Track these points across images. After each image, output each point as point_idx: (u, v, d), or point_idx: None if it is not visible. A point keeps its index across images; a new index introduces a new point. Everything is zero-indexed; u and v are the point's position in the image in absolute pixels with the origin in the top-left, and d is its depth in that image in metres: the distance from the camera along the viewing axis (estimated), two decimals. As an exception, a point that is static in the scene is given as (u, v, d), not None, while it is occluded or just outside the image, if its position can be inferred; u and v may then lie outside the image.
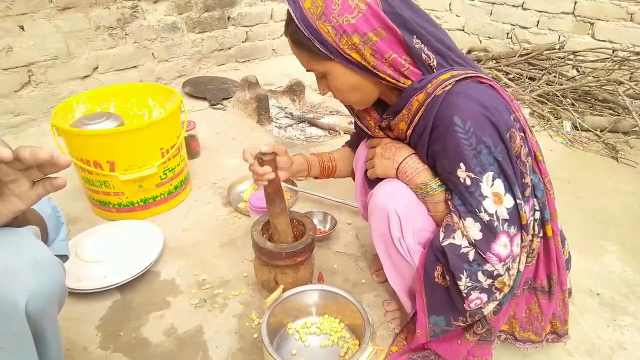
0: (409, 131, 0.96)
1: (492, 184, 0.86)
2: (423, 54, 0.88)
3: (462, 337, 1.04)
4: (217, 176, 1.93)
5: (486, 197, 0.87)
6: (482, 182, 0.86)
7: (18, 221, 0.70)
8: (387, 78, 0.90)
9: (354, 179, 1.33)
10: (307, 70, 0.99)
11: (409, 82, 0.90)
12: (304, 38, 0.89)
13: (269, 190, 1.17)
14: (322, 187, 1.84)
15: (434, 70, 0.90)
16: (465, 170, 0.86)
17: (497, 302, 0.95)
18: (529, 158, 0.92)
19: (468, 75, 0.88)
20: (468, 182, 0.87)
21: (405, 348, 1.15)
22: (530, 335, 1.08)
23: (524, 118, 0.95)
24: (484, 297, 0.91)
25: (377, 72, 0.89)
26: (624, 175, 2.03)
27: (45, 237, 0.84)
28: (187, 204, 1.76)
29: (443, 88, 0.86)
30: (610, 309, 1.32)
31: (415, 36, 0.87)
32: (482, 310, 0.95)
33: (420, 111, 0.90)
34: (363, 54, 0.87)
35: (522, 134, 0.90)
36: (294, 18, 0.88)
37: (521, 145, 0.89)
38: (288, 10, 0.90)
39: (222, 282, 1.38)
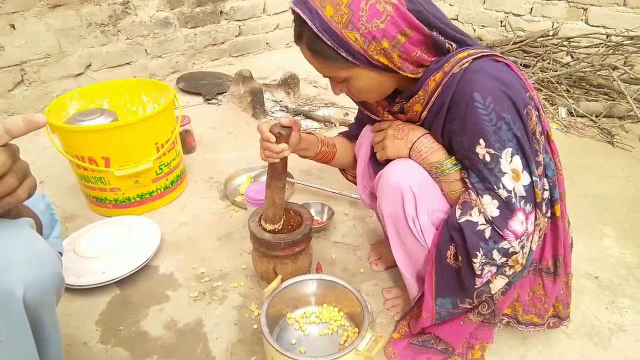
0: (424, 112, 0.95)
1: (511, 161, 0.86)
2: (446, 44, 0.88)
3: (465, 318, 1.03)
4: (213, 170, 1.92)
5: (505, 173, 0.87)
6: (501, 158, 0.86)
7: (12, 214, 0.70)
8: (409, 74, 0.90)
9: (352, 168, 1.33)
10: (325, 76, 0.97)
11: (425, 69, 0.91)
12: (326, 48, 0.86)
13: (278, 166, 1.14)
14: (319, 178, 1.84)
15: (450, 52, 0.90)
16: (485, 147, 0.86)
17: (506, 280, 0.94)
18: (542, 137, 0.92)
19: (484, 53, 0.88)
20: (487, 158, 0.87)
21: (406, 334, 1.14)
22: (533, 318, 1.08)
23: (538, 97, 0.95)
24: (494, 269, 0.91)
25: (400, 71, 0.89)
26: (620, 160, 2.03)
27: (39, 233, 0.83)
28: (184, 199, 1.75)
29: (461, 66, 0.86)
30: (609, 292, 1.32)
31: (435, 29, 0.87)
32: (490, 286, 0.94)
33: (437, 91, 0.90)
34: (391, 58, 0.86)
35: (537, 112, 0.90)
36: (314, 28, 0.84)
37: (536, 123, 0.89)
38: (299, 17, 0.86)
39: (220, 275, 1.38)
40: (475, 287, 0.93)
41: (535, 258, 1.03)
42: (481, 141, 0.86)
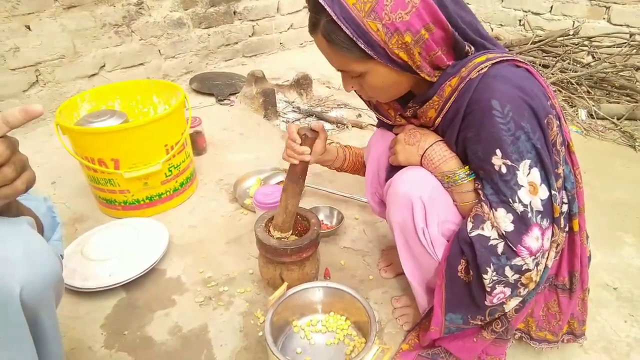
0: (439, 119, 0.91)
1: (529, 173, 0.82)
2: (466, 47, 0.84)
3: (478, 335, 1.00)
4: (223, 172, 1.91)
5: (522, 186, 0.82)
6: (518, 170, 0.82)
7: (12, 212, 0.69)
8: (425, 76, 0.86)
9: None
10: (339, 70, 0.92)
11: (441, 72, 0.87)
12: (344, 38, 0.81)
13: (297, 169, 1.14)
14: (329, 181, 1.82)
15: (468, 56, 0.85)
16: (502, 157, 0.82)
17: (520, 299, 0.91)
18: (563, 147, 0.87)
19: (504, 58, 0.83)
20: (504, 169, 0.82)
21: (415, 346, 1.11)
22: (546, 335, 1.04)
23: (559, 105, 0.90)
24: (508, 291, 0.87)
25: (418, 71, 0.85)
26: (642, 164, 1.96)
27: (40, 234, 0.82)
28: (193, 201, 1.74)
29: (479, 71, 0.82)
30: (628, 304, 1.27)
31: (455, 28, 0.82)
32: (504, 306, 0.91)
33: (452, 97, 0.86)
34: (412, 54, 0.82)
35: (558, 122, 0.86)
36: (333, 15, 0.79)
37: (557, 133, 0.84)
38: (317, 4, 0.80)
39: (227, 280, 1.36)
40: (486, 304, 0.90)
41: (551, 274, 0.99)
42: (497, 151, 0.82)
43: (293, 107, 2.51)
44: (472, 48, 0.85)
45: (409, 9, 0.78)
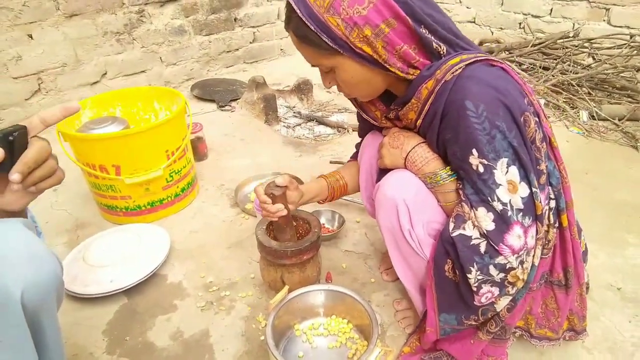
0: (419, 121, 0.92)
1: (507, 171, 0.82)
2: (433, 43, 0.85)
3: (474, 337, 1.00)
4: (224, 177, 1.92)
5: (500, 185, 0.83)
6: (495, 169, 0.82)
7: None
8: (397, 71, 0.87)
9: None
10: (313, 66, 0.95)
11: (418, 72, 0.87)
12: (310, 33, 0.85)
13: (279, 222, 1.17)
14: (330, 185, 1.81)
15: (443, 57, 0.87)
16: (478, 157, 0.82)
17: (510, 298, 0.90)
18: (544, 144, 0.88)
19: (478, 58, 0.84)
20: (481, 169, 0.83)
21: (417, 349, 1.11)
22: (546, 332, 1.03)
23: (538, 102, 0.90)
24: (496, 290, 0.87)
25: (387, 66, 0.86)
26: (644, 165, 1.95)
27: None
28: (195, 206, 1.74)
29: (453, 73, 0.83)
30: (632, 304, 1.26)
31: (423, 25, 0.84)
32: (495, 306, 0.91)
33: (429, 99, 0.87)
34: (375, 47, 0.84)
35: (537, 118, 0.86)
36: (299, 12, 0.84)
37: (535, 130, 0.85)
38: (288, 3, 0.86)
39: (229, 284, 1.36)
40: (475, 304, 0.89)
41: (545, 270, 0.99)
42: (474, 151, 0.82)
43: (294, 112, 2.51)
44: (444, 47, 0.86)
45: (366, 4, 0.81)
